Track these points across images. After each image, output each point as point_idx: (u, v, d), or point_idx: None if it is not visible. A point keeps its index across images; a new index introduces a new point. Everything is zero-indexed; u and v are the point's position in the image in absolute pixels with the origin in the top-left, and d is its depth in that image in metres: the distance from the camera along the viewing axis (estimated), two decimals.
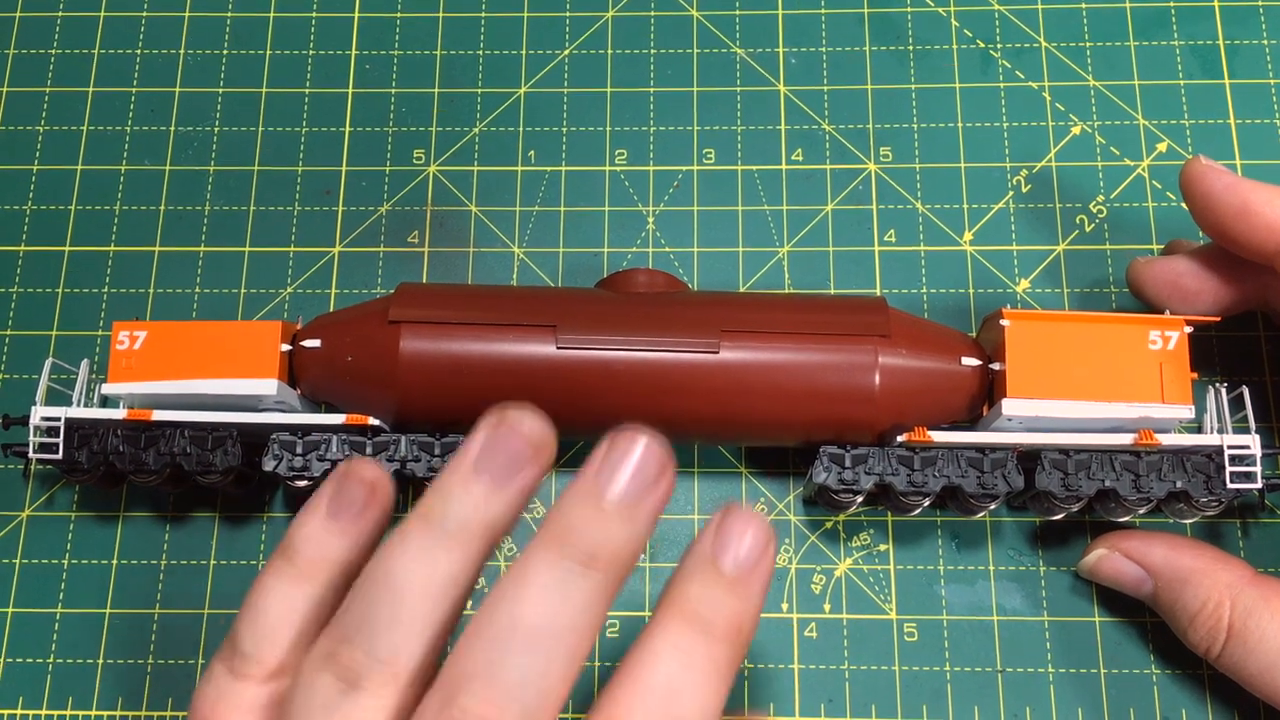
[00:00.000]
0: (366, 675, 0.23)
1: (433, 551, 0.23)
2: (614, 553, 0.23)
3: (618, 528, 0.23)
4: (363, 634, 0.23)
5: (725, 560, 0.24)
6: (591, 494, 0.23)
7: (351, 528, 0.26)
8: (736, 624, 0.23)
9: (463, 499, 0.24)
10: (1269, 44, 0.42)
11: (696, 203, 0.41)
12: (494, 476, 0.24)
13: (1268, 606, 0.31)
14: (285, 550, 0.26)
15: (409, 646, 0.23)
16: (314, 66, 0.43)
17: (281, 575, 0.26)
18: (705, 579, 0.23)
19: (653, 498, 0.23)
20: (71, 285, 0.40)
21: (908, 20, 0.43)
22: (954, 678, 0.36)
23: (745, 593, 0.23)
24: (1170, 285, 0.34)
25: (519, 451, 0.24)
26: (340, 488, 0.27)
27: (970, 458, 0.33)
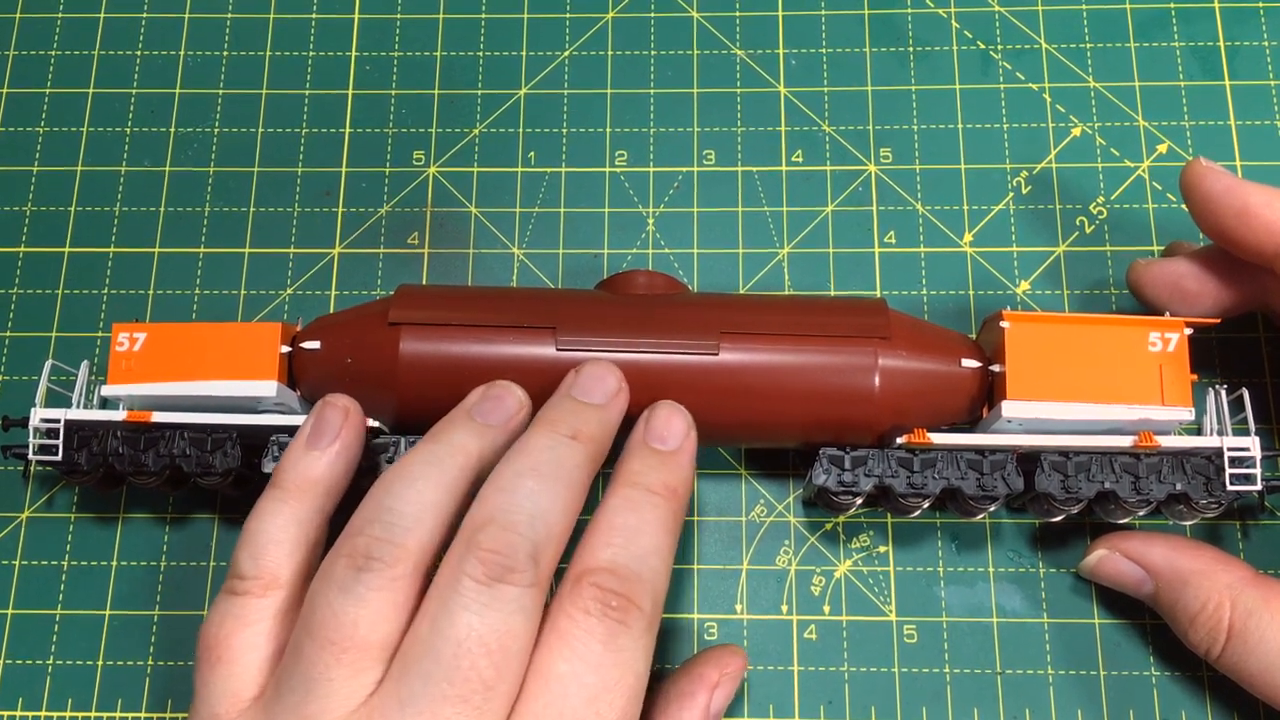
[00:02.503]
0: (377, 554, 0.27)
1: (438, 457, 0.29)
2: (591, 432, 0.29)
3: (592, 414, 0.30)
4: (372, 523, 0.27)
5: (657, 441, 0.30)
6: (569, 397, 0.30)
7: (329, 449, 0.31)
8: (670, 484, 0.29)
9: (462, 429, 0.30)
10: (1269, 45, 0.42)
11: (696, 204, 0.41)
12: (492, 419, 0.30)
13: (1268, 607, 0.31)
14: (273, 480, 0.30)
15: (418, 526, 0.27)
16: (314, 68, 0.43)
17: (270, 499, 0.30)
18: (643, 456, 0.30)
19: (617, 402, 0.31)
20: (71, 286, 0.40)
21: (908, 21, 0.43)
22: (954, 679, 0.36)
23: (675, 463, 0.30)
24: (1170, 287, 0.34)
25: (507, 403, 0.31)
26: (318, 417, 0.31)
27: (970, 459, 0.33)
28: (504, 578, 0.26)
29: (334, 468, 0.31)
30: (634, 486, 0.29)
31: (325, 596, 0.27)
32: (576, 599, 0.27)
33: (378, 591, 0.26)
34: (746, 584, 0.37)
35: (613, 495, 0.29)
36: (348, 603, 0.26)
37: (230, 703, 0.28)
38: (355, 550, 0.27)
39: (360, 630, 0.26)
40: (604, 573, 0.27)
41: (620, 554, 0.27)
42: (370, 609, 0.26)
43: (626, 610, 0.27)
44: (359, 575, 0.26)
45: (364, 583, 0.26)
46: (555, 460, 0.28)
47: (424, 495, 0.28)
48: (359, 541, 0.27)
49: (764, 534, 0.37)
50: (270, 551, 0.29)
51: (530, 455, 0.28)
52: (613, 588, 0.27)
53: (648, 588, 0.27)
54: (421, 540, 0.27)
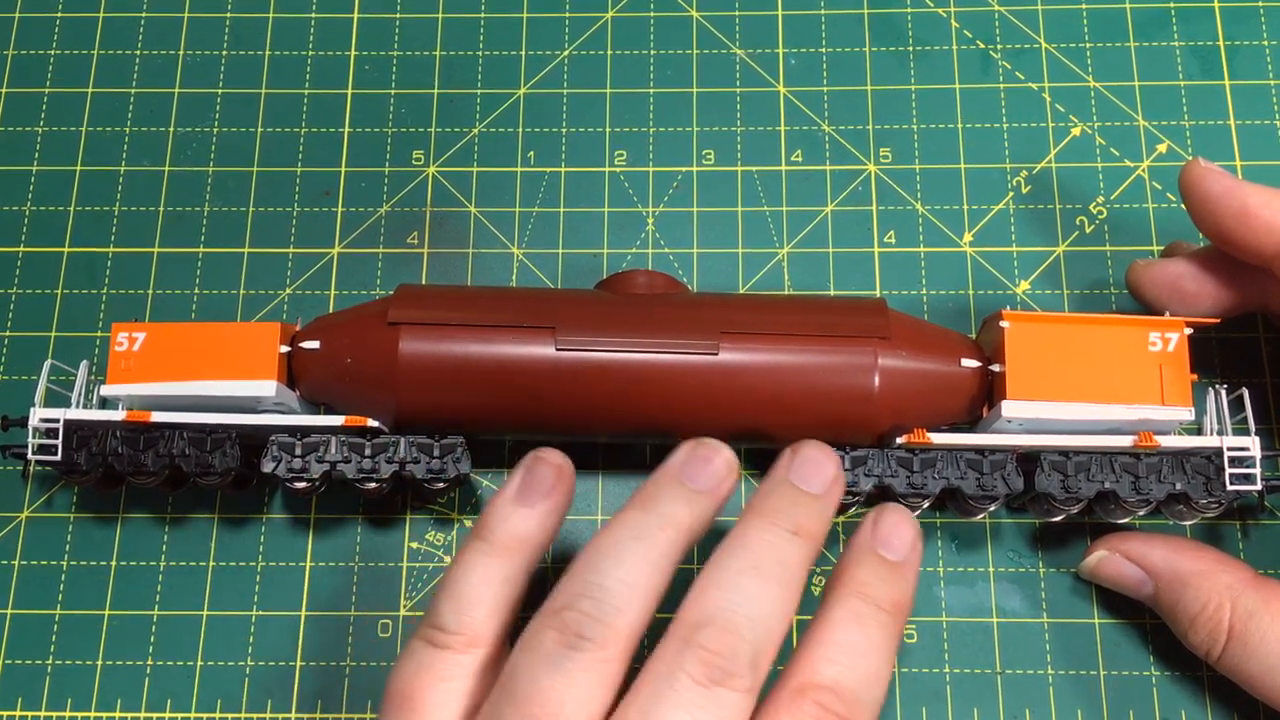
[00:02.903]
0: (589, 633, 0.26)
1: (646, 531, 0.27)
2: (812, 528, 0.28)
3: (814, 506, 0.29)
4: (581, 598, 0.26)
5: (887, 550, 0.29)
6: (788, 483, 0.29)
7: (540, 507, 0.29)
8: (899, 600, 0.28)
9: (674, 496, 0.28)
10: (1269, 44, 0.42)
11: (696, 204, 0.41)
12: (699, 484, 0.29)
13: (1268, 609, 0.31)
14: (480, 531, 0.29)
15: (629, 608, 0.26)
16: (313, 67, 0.43)
17: (478, 553, 0.29)
18: (872, 566, 0.28)
19: (835, 491, 0.29)
20: (70, 286, 0.40)
21: (908, 21, 0.43)
22: (953, 679, 0.36)
23: (904, 575, 0.29)
24: (1170, 287, 0.34)
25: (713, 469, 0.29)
26: (529, 472, 0.30)
27: (970, 459, 0.33)
28: (723, 681, 0.25)
29: (545, 527, 0.30)
30: (863, 600, 0.27)
31: (532, 670, 0.26)
32: (797, 714, 0.26)
33: (586, 671, 0.25)
34: None
35: (838, 606, 0.27)
36: (556, 679, 0.25)
37: None
38: (565, 626, 0.26)
39: (566, 709, 0.25)
40: (828, 693, 0.26)
41: (846, 675, 0.26)
42: (579, 689, 0.25)
43: None
44: (569, 653, 0.26)
45: (574, 661, 0.25)
46: (777, 559, 0.27)
47: (635, 573, 0.27)
48: (569, 617, 0.26)
49: None
50: (475, 607, 0.28)
51: (751, 553, 0.27)
52: (836, 710, 0.26)
53: (868, 715, 0.26)
54: (631, 622, 0.26)
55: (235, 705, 0.36)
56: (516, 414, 0.33)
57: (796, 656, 0.27)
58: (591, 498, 0.37)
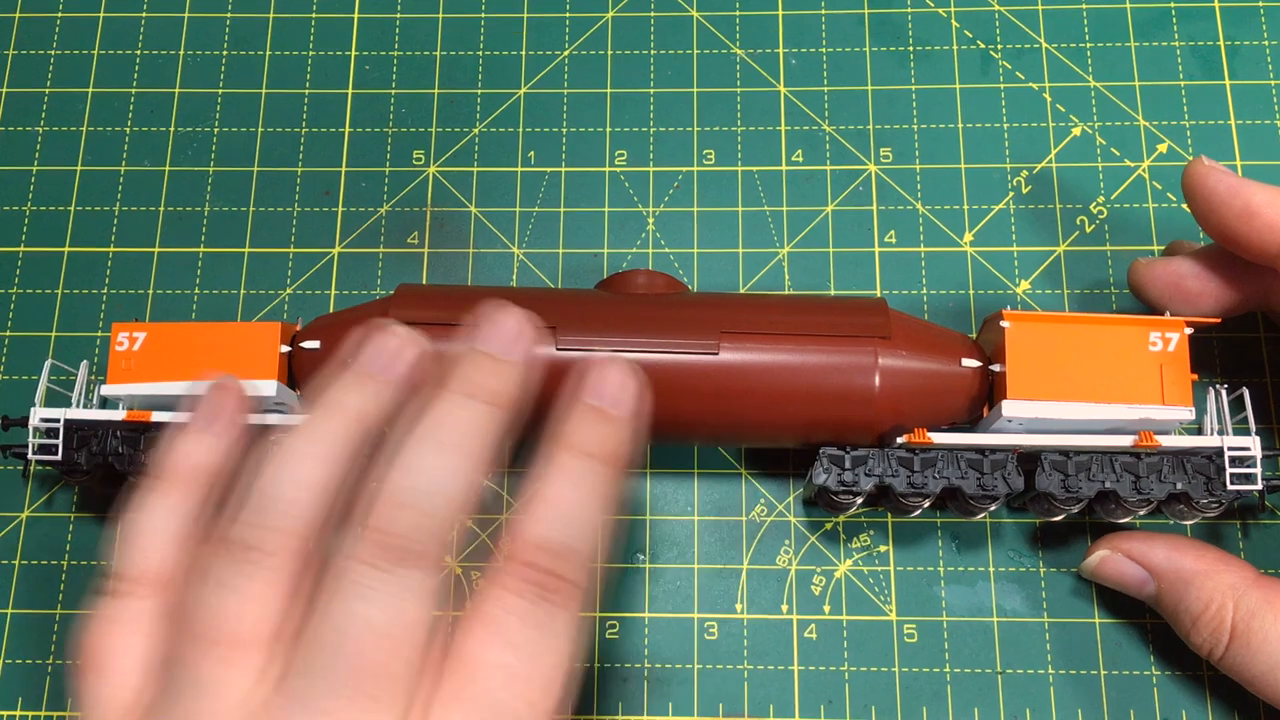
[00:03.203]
0: (255, 542, 0.25)
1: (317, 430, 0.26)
2: (498, 390, 0.27)
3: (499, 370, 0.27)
4: (248, 510, 0.25)
5: (601, 399, 0.28)
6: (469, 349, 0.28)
7: (214, 434, 0.29)
8: (610, 447, 0.27)
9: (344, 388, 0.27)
10: (1269, 44, 0.42)
11: (696, 204, 0.41)
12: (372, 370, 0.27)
13: (1271, 608, 0.31)
14: (153, 470, 0.28)
15: (294, 508, 0.25)
16: (313, 67, 0.43)
17: (149, 493, 0.28)
18: (580, 415, 0.28)
19: (518, 349, 0.28)
20: (71, 286, 0.40)
21: (908, 21, 0.43)
22: (954, 679, 0.36)
23: (614, 420, 0.28)
24: (1172, 286, 0.34)
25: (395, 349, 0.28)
26: (200, 402, 0.29)
27: (970, 459, 0.33)
28: (402, 561, 0.24)
29: (221, 455, 0.29)
30: (570, 452, 0.27)
31: (202, 594, 0.25)
32: (508, 582, 0.25)
33: (260, 583, 0.25)
34: (747, 584, 0.37)
35: (548, 463, 0.27)
36: (227, 598, 0.24)
37: (112, 711, 0.26)
38: (234, 541, 0.25)
39: (245, 625, 0.24)
40: (536, 550, 0.25)
41: (554, 530, 0.26)
42: (253, 603, 0.24)
43: (560, 589, 0.25)
44: (238, 568, 0.25)
45: (244, 575, 0.25)
46: (457, 427, 0.26)
47: (304, 474, 0.26)
48: (234, 532, 0.25)
49: (764, 534, 0.37)
50: (150, 549, 0.27)
51: (428, 423, 0.26)
52: (547, 566, 0.25)
53: (584, 565, 0.26)
54: (304, 523, 0.25)
55: None
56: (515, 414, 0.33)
57: (509, 524, 0.26)
58: None
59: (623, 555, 0.37)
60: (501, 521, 0.37)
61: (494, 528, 0.37)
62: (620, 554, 0.37)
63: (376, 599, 0.24)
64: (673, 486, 0.38)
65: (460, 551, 0.37)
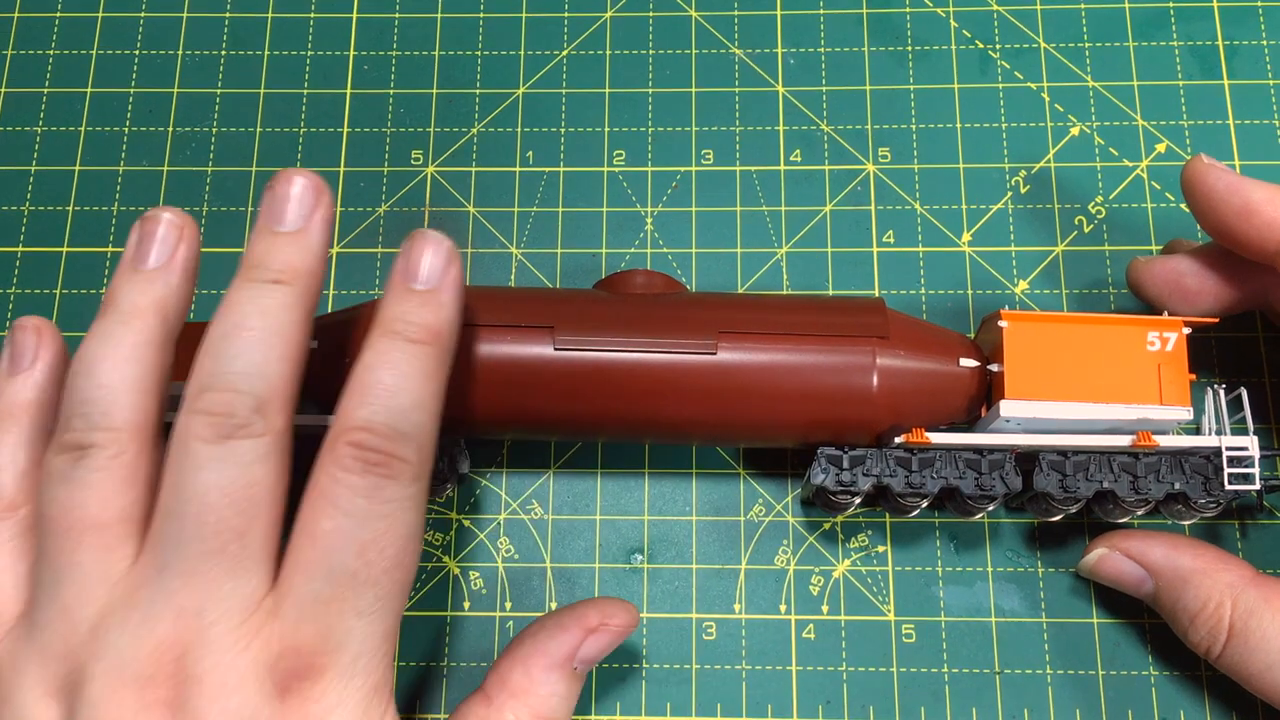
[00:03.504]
0: (87, 441, 0.26)
1: (113, 330, 0.27)
2: (295, 266, 0.28)
3: (290, 244, 0.28)
4: (72, 418, 0.27)
5: (414, 280, 0.28)
6: (260, 230, 0.28)
7: (34, 370, 0.30)
8: (430, 325, 0.28)
9: (128, 285, 0.28)
10: (1268, 44, 0.42)
11: (695, 203, 0.41)
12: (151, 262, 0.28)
13: (1269, 606, 0.31)
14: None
15: (118, 402, 0.27)
16: (312, 67, 0.43)
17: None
18: (400, 298, 0.28)
19: (314, 223, 0.29)
20: (70, 286, 0.40)
21: (906, 21, 0.43)
22: (952, 679, 0.36)
23: (436, 302, 0.28)
24: (1171, 285, 0.34)
25: (165, 236, 0.29)
26: (9, 344, 0.30)
27: (968, 459, 0.33)
28: (234, 434, 0.26)
29: (40, 388, 0.30)
30: (391, 336, 0.28)
31: (50, 492, 0.27)
32: (336, 458, 0.26)
33: (100, 473, 0.26)
34: (745, 584, 0.37)
35: (369, 349, 0.28)
36: (73, 490, 0.26)
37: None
38: (67, 443, 0.27)
39: (91, 511, 0.26)
40: (361, 431, 0.26)
41: (378, 413, 0.27)
42: (96, 490, 0.26)
43: (386, 464, 0.26)
44: (78, 463, 0.26)
45: (83, 467, 0.26)
46: (259, 310, 0.27)
47: (114, 375, 0.27)
48: (68, 436, 0.27)
49: (762, 534, 0.37)
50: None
51: (233, 311, 0.27)
52: (373, 445, 0.26)
53: (412, 442, 0.27)
54: (128, 416, 0.27)
55: None
56: (515, 414, 0.33)
57: (337, 409, 0.27)
58: (590, 497, 0.37)
59: (622, 556, 0.37)
60: (499, 521, 0.37)
61: (491, 528, 0.37)
62: (618, 555, 0.37)
63: (214, 467, 0.26)
64: (671, 486, 0.38)
65: (458, 552, 0.37)
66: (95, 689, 0.25)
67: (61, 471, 0.27)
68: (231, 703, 0.25)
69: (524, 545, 0.37)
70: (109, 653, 0.25)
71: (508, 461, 0.38)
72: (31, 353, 0.30)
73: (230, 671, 0.25)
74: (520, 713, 0.30)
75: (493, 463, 0.38)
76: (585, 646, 0.31)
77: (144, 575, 0.26)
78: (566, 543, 0.37)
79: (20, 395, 0.30)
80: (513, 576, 0.37)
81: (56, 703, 0.26)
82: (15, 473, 0.29)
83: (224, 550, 0.26)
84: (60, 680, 0.26)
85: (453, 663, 0.36)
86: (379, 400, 0.27)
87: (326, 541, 0.26)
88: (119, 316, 0.28)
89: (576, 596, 0.36)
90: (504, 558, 0.37)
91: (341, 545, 0.26)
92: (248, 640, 0.26)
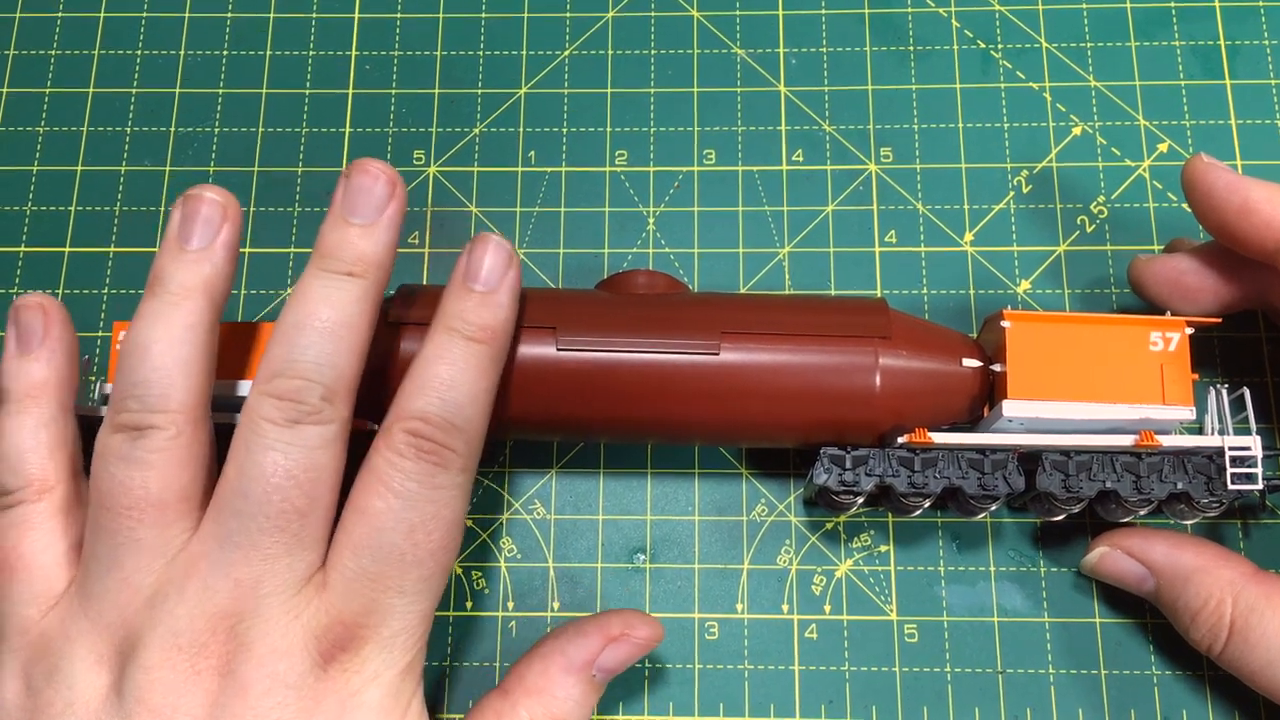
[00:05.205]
0: (146, 422, 0.27)
1: (164, 311, 0.28)
2: (367, 258, 0.29)
3: (365, 236, 0.29)
4: (128, 399, 0.28)
5: (475, 281, 0.30)
6: (335, 219, 0.29)
7: (43, 349, 0.30)
8: (488, 325, 0.29)
9: (176, 265, 0.29)
10: (1270, 44, 0.42)
11: (697, 203, 0.41)
12: (196, 242, 0.29)
13: (1270, 603, 0.31)
14: (2, 395, 0.30)
15: (174, 384, 0.28)
16: (314, 67, 0.43)
17: (6, 415, 0.30)
18: (460, 296, 0.30)
19: (390, 215, 0.30)
20: (72, 286, 0.40)
21: (908, 21, 0.43)
22: (954, 679, 0.36)
23: (494, 303, 0.30)
24: (1171, 283, 0.34)
25: (209, 215, 0.29)
26: (15, 324, 0.30)
27: (971, 459, 0.33)
28: (302, 419, 0.27)
29: (55, 365, 0.30)
30: (450, 332, 0.29)
31: (108, 469, 0.27)
32: (391, 443, 0.28)
33: (159, 453, 0.27)
34: (747, 583, 0.37)
35: (428, 343, 0.29)
36: (133, 469, 0.27)
37: (39, 604, 0.28)
38: (124, 424, 0.27)
39: (153, 490, 0.27)
40: (417, 420, 0.28)
41: (434, 404, 0.28)
42: (157, 469, 0.27)
43: (437, 452, 0.28)
44: (135, 443, 0.27)
45: (142, 448, 0.27)
46: (331, 302, 0.28)
47: (168, 357, 0.28)
48: (124, 417, 0.27)
49: (765, 533, 0.37)
50: (28, 458, 0.29)
51: (306, 301, 0.28)
52: (426, 434, 0.28)
53: (462, 434, 0.28)
54: (185, 398, 0.28)
55: None
56: (516, 414, 0.33)
57: (395, 398, 0.29)
58: (592, 497, 0.37)
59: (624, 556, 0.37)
60: (502, 521, 0.37)
61: (493, 528, 0.37)
62: (621, 554, 0.37)
63: (284, 449, 0.27)
64: (673, 487, 0.38)
65: (461, 552, 0.37)
66: (148, 655, 0.26)
67: (120, 451, 0.27)
68: (279, 668, 0.27)
69: (527, 545, 0.37)
70: (165, 620, 0.27)
71: (510, 461, 0.38)
72: (40, 331, 0.30)
73: (280, 639, 0.27)
74: (535, 711, 0.30)
75: (495, 463, 0.38)
76: (605, 655, 0.31)
77: (205, 547, 0.27)
78: (569, 543, 0.37)
79: (35, 375, 0.30)
80: (515, 576, 0.37)
81: (107, 670, 0.27)
82: (43, 454, 0.29)
83: (286, 528, 0.27)
84: (113, 649, 0.27)
85: (455, 662, 0.36)
86: (435, 392, 0.28)
87: (378, 520, 0.27)
88: (169, 298, 0.28)
89: (579, 596, 0.36)
90: (507, 558, 0.37)
91: (392, 524, 0.27)
92: (299, 610, 0.27)
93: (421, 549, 0.28)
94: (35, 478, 0.29)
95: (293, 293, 0.29)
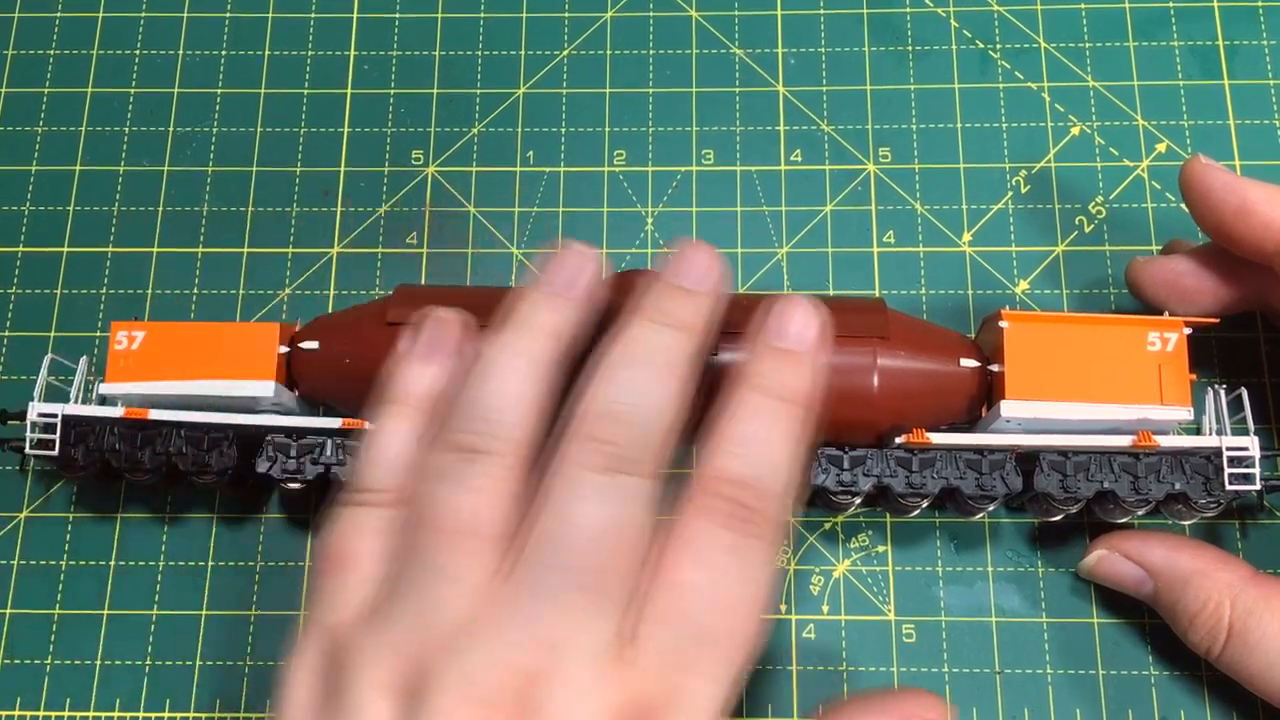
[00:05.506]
0: (479, 445, 0.26)
1: (523, 345, 0.28)
2: (690, 321, 0.28)
3: (690, 301, 0.28)
4: (471, 420, 0.27)
5: (781, 340, 0.28)
6: (665, 282, 0.29)
7: (435, 361, 0.30)
8: (798, 389, 0.28)
9: (540, 305, 0.28)
10: (1268, 44, 0.42)
11: (695, 203, 0.41)
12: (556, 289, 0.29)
13: (1268, 606, 0.31)
14: (389, 395, 0.29)
15: (512, 416, 0.27)
16: (312, 67, 0.43)
17: (386, 415, 0.29)
18: (766, 356, 0.28)
19: (712, 281, 0.29)
20: (70, 286, 0.40)
21: (907, 21, 0.43)
22: (952, 679, 0.36)
23: (802, 362, 0.28)
24: (1169, 284, 0.34)
25: (576, 266, 0.29)
26: (426, 333, 0.30)
27: (969, 459, 0.33)
28: (621, 468, 0.26)
29: (442, 380, 0.30)
30: (761, 393, 0.27)
31: (434, 489, 0.26)
32: (706, 508, 0.26)
33: (489, 479, 0.26)
34: None
35: (736, 402, 0.27)
36: (461, 492, 0.26)
37: (352, 606, 0.27)
38: (458, 445, 0.26)
39: (480, 517, 0.26)
40: (735, 485, 0.26)
41: (751, 467, 0.26)
42: (485, 496, 0.26)
43: (755, 521, 0.26)
44: (468, 467, 0.26)
45: (474, 473, 0.26)
46: (657, 348, 0.27)
47: (515, 388, 0.27)
48: (462, 438, 0.27)
49: None
50: (386, 465, 0.28)
51: (631, 345, 0.27)
52: (745, 501, 0.26)
53: (779, 503, 0.27)
54: (524, 433, 0.27)
55: (234, 705, 0.36)
56: None
57: (704, 454, 0.27)
58: None
59: None
60: None
61: None
62: None
63: (598, 501, 0.25)
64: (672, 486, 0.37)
65: None
66: (442, 701, 0.24)
67: (449, 471, 0.26)
68: None
69: None
70: (460, 665, 0.25)
71: None
72: (444, 346, 0.30)
73: (574, 710, 0.24)
74: None
75: None
76: None
77: (509, 593, 0.25)
78: None
79: (423, 384, 0.29)
80: None
81: (395, 700, 0.25)
82: (400, 461, 0.28)
83: (593, 586, 0.25)
84: (404, 678, 0.25)
85: None
86: (751, 453, 0.27)
87: (691, 596, 0.25)
88: (530, 332, 0.28)
89: None
90: None
91: (707, 602, 0.25)
92: (597, 681, 0.25)
93: (733, 631, 0.25)
94: (392, 485, 0.28)
95: (617, 339, 0.27)
